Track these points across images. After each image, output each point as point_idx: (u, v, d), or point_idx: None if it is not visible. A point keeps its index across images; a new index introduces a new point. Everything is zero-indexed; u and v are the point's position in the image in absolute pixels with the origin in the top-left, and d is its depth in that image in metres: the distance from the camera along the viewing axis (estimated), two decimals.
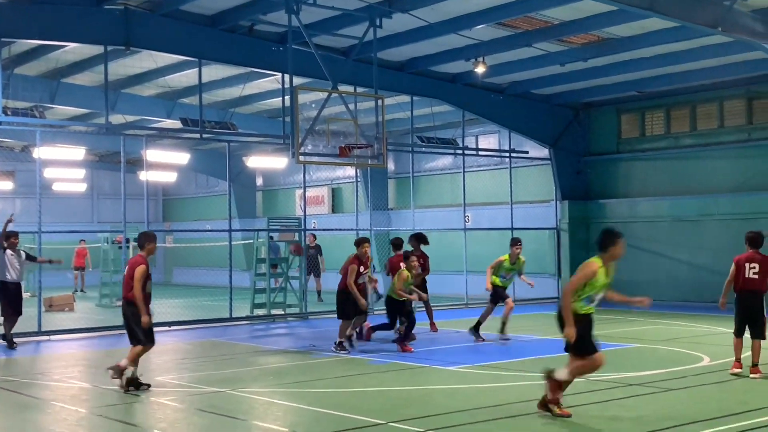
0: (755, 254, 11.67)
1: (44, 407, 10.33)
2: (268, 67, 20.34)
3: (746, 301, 11.55)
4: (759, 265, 11.50)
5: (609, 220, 25.16)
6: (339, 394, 10.83)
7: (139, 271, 11.04)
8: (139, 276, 11.04)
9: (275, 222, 22.24)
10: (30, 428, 9.20)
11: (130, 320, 11.20)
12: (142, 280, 11.06)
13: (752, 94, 22.44)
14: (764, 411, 9.15)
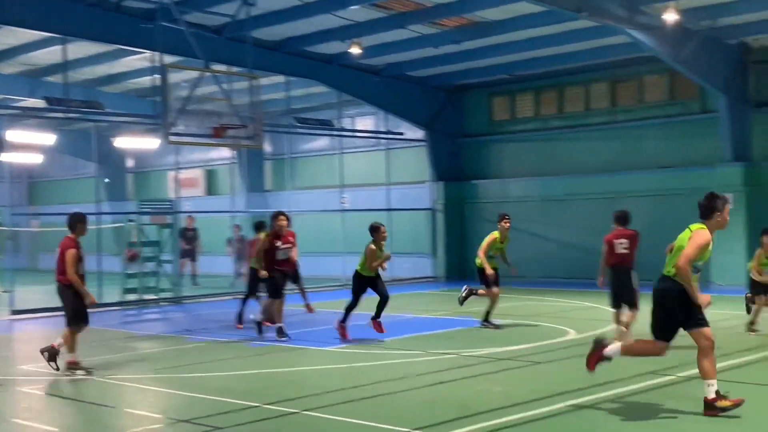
0: (624, 231, 12.41)
1: None
2: (137, 45, 19.71)
3: (619, 275, 12.29)
4: (628, 241, 12.27)
5: (482, 200, 25.78)
6: (214, 378, 10.70)
7: (69, 255, 10.87)
8: (71, 260, 10.88)
9: (146, 205, 21.69)
10: None
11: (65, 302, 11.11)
12: (75, 264, 10.88)
13: (616, 77, 23.36)
14: (627, 381, 9.58)
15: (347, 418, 8.22)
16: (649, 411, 8.26)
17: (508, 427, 7.70)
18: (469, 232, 25.93)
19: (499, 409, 8.33)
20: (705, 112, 21.70)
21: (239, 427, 8.02)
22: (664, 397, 8.93)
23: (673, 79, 22.23)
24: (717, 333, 13.20)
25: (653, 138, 22.65)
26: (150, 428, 8.26)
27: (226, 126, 17.61)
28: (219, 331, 15.13)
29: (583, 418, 8.01)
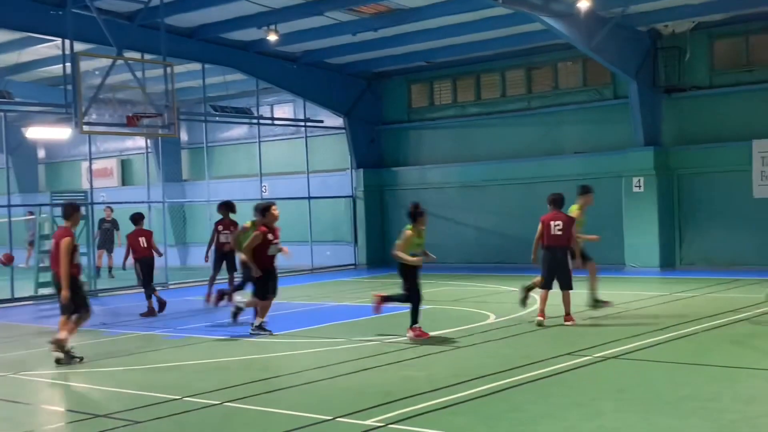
0: (558, 213, 12.84)
1: None
2: (47, 32, 19.13)
3: (553, 256, 12.70)
4: (562, 223, 12.66)
5: (402, 187, 25.88)
6: (132, 371, 10.48)
7: (64, 244, 10.77)
8: (65, 249, 10.77)
9: (59, 196, 21.07)
10: None
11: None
12: (69, 253, 10.77)
13: (532, 64, 23.69)
14: (545, 362, 9.74)
15: (270, 408, 8.16)
16: (569, 392, 8.42)
17: (432, 411, 7.75)
18: (389, 219, 26.01)
19: (422, 394, 8.37)
20: (617, 98, 22.21)
21: (159, 420, 7.88)
22: (582, 377, 9.11)
23: (586, 66, 22.68)
24: (630, 313, 13.63)
25: (568, 123, 23.08)
26: (67, 424, 8.05)
27: (141, 115, 17.27)
28: (136, 324, 14.83)
29: (505, 400, 8.12)
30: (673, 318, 12.86)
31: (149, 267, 15.90)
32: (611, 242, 21.61)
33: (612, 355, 10.13)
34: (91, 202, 20.99)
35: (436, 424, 7.30)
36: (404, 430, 7.20)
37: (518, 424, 7.25)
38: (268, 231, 12.76)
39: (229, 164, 28.70)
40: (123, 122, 17.05)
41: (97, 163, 28.72)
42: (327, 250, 26.03)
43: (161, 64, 18.29)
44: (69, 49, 17.36)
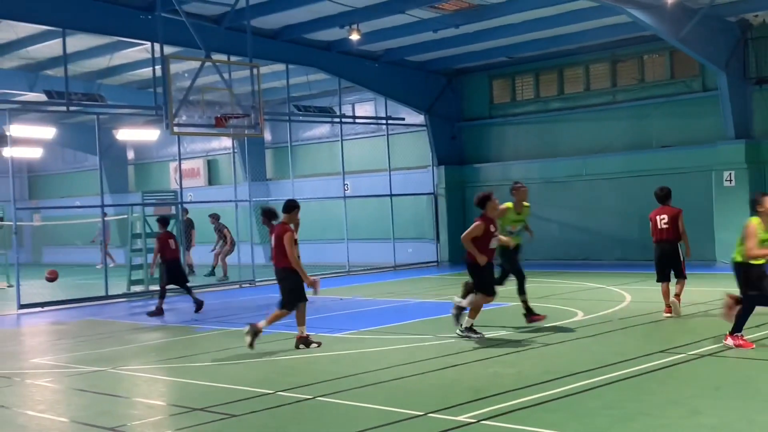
0: (664, 208, 12.95)
1: None
2: (137, 36, 19.67)
3: (663, 249, 12.84)
4: (668, 217, 12.77)
5: (483, 183, 25.67)
6: (224, 366, 10.71)
7: (287, 238, 11.34)
8: (289, 242, 11.34)
9: (150, 196, 21.67)
10: None
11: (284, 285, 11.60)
12: (293, 246, 11.35)
13: (616, 57, 23.30)
14: (638, 360, 9.59)
15: (361, 403, 8.24)
16: (664, 389, 8.27)
17: (523, 408, 7.71)
18: (470, 216, 25.81)
19: (513, 391, 8.33)
20: (706, 90, 21.68)
21: (255, 414, 8.04)
22: (676, 375, 8.94)
23: (673, 58, 22.19)
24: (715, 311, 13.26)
25: (654, 117, 22.62)
26: (165, 417, 8.28)
27: (228, 115, 17.60)
28: (225, 320, 15.14)
29: (598, 397, 8.02)
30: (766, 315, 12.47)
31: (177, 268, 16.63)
32: (701, 237, 21.08)
33: (707, 353, 9.90)
34: (180, 202, 21.50)
35: (528, 421, 7.26)
36: (496, 426, 7.19)
37: (614, 421, 7.16)
38: (490, 222, 11.73)
39: (312, 163, 29.03)
40: (211, 123, 17.42)
41: (184, 163, 29.38)
42: (409, 248, 26.08)
43: (247, 65, 18.61)
44: (159, 53, 17.82)
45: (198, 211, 26.61)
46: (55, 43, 20.39)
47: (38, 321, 16.76)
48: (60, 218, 34.55)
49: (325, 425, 7.58)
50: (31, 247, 37.30)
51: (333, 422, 7.68)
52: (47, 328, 15.72)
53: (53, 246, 36.48)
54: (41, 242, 37.40)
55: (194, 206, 27.08)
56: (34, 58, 22.80)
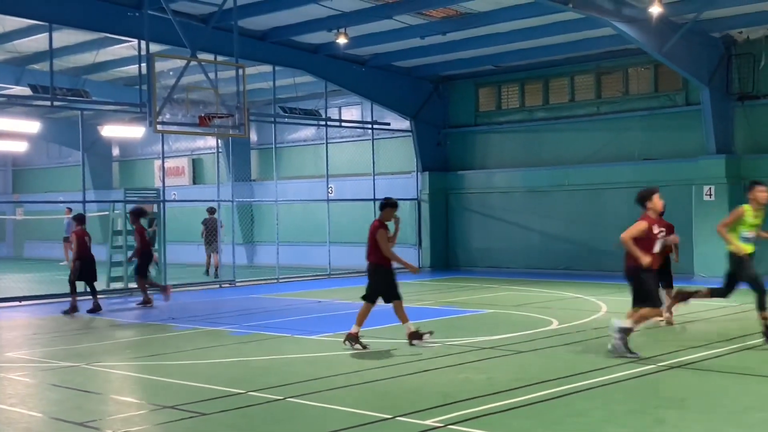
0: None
1: None
2: (124, 33, 19.69)
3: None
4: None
5: (467, 191, 25.88)
6: (198, 365, 10.74)
7: (380, 235, 11.51)
8: (382, 238, 11.47)
9: (132, 193, 21.65)
10: None
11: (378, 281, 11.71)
12: (386, 241, 11.43)
13: (601, 69, 23.47)
14: (607, 370, 9.68)
15: (332, 405, 8.30)
16: (630, 399, 8.36)
17: (492, 413, 7.78)
18: (454, 222, 26.05)
19: (482, 397, 8.41)
20: (689, 105, 21.86)
21: (225, 413, 8.08)
22: (644, 385, 9.04)
23: (657, 72, 22.38)
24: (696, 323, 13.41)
25: (637, 129, 22.78)
26: (136, 414, 8.30)
27: (213, 115, 17.63)
28: (203, 320, 15.15)
29: (566, 405, 8.10)
30: (740, 329, 12.61)
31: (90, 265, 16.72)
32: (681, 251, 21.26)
33: (675, 365, 10.01)
34: (163, 200, 21.49)
35: (496, 427, 7.33)
36: (463, 431, 7.25)
37: (580, 429, 7.24)
38: (654, 222, 10.51)
39: (297, 165, 29.07)
40: (195, 122, 17.44)
41: (169, 161, 29.36)
42: None
43: (233, 65, 18.65)
44: (145, 50, 17.83)
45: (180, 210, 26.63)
46: (41, 38, 20.37)
47: (15, 315, 16.72)
48: (43, 213, 34.44)
49: (294, 426, 7.62)
50: (12, 241, 37.14)
51: (302, 423, 7.73)
52: (23, 323, 15.69)
53: (35, 240, 36.34)
54: (23, 237, 37.25)
55: (177, 205, 27.08)
56: (21, 52, 22.79)
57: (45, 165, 37.96)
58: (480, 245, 25.40)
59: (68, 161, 35.92)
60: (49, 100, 19.15)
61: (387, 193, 26.01)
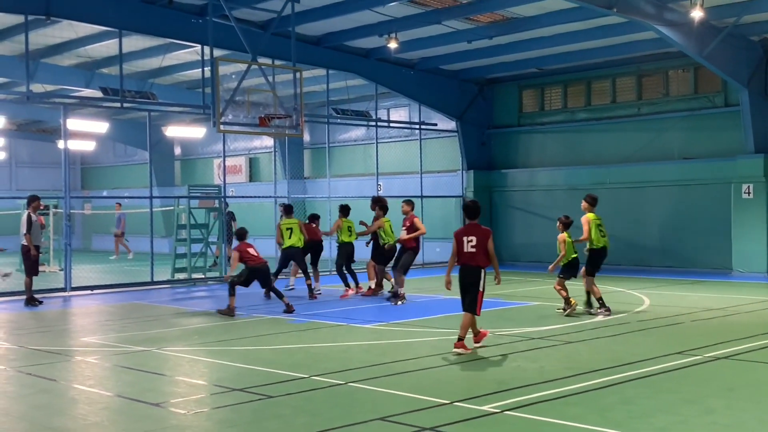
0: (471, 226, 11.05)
1: None
2: (188, 39, 19.85)
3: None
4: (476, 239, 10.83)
5: (510, 188, 25.71)
6: (261, 351, 10.81)
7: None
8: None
9: (195, 189, 21.87)
10: None
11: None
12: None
13: (642, 71, 23.13)
14: (655, 360, 9.55)
15: (391, 390, 8.28)
16: (680, 388, 8.23)
17: (545, 401, 7.71)
18: (497, 218, 25.89)
19: (535, 384, 8.34)
20: (728, 106, 21.46)
21: (290, 396, 8.12)
22: (692, 375, 8.89)
23: (697, 74, 21.99)
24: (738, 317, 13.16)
25: (677, 130, 22.42)
26: (206, 396, 8.38)
27: (271, 116, 17.72)
28: (262, 309, 15.25)
29: (616, 393, 8.00)
30: None
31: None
32: (719, 247, 20.94)
33: (722, 356, 9.84)
34: (224, 196, 21.68)
35: (550, 413, 7.26)
36: (519, 417, 7.20)
37: (631, 416, 7.14)
38: None
39: (348, 163, 29.12)
40: (255, 123, 17.55)
41: (227, 160, 29.60)
42: (437, 247, 26.06)
43: (291, 69, 18.73)
44: (208, 55, 17.98)
45: (238, 206, 26.80)
46: (111, 43, 20.66)
47: (87, 303, 17.00)
48: (109, 208, 34.96)
49: (357, 409, 7.63)
50: (81, 234, 37.77)
51: (364, 406, 7.73)
52: (96, 310, 15.94)
53: (102, 234, 36.94)
54: (91, 230, 37.87)
55: (235, 201, 27.27)
56: (91, 56, 23.12)
57: (112, 163, 38.54)
58: (523, 240, 25.22)
59: (133, 159, 36.43)
60: (119, 102, 19.41)
61: (433, 190, 26.04)
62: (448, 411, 7.44)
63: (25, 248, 16.17)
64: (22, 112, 30.29)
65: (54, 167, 35.46)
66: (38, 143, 36.99)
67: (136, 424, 7.23)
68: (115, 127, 31.72)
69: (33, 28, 18.79)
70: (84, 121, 26.27)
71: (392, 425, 6.98)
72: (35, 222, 16.30)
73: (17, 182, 36.63)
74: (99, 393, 8.51)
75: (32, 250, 16.06)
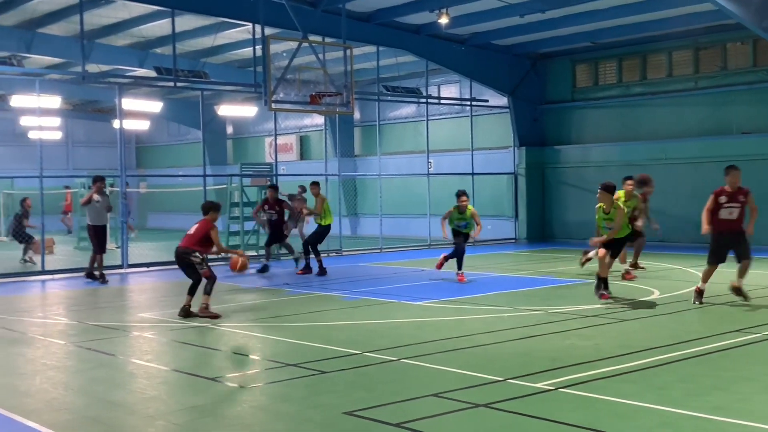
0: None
1: (33, 342, 10.28)
2: (240, 17, 19.96)
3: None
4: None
5: (563, 165, 25.41)
6: (314, 327, 10.90)
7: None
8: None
9: (248, 167, 22.07)
10: (21, 361, 9.15)
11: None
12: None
13: (699, 44, 22.59)
14: (712, 338, 9.39)
15: (443, 366, 8.29)
16: (737, 366, 8.09)
17: (600, 378, 7.64)
18: (549, 195, 25.64)
19: (589, 362, 8.26)
20: None
21: (343, 371, 8.17)
22: (750, 353, 8.72)
23: (756, 46, 21.39)
24: None
25: (736, 104, 21.88)
26: (261, 371, 8.49)
27: (322, 94, 17.76)
28: (314, 286, 15.37)
29: (673, 372, 7.89)
30: None
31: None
32: None
33: None
34: (276, 174, 21.84)
35: (606, 391, 7.19)
36: (574, 394, 7.14)
37: (689, 394, 7.04)
38: None
39: (398, 141, 29.09)
40: (306, 101, 17.61)
41: (278, 138, 29.78)
42: (488, 224, 25.93)
43: (341, 46, 18.72)
44: (260, 33, 18.05)
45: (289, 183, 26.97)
46: (164, 23, 20.89)
47: (144, 279, 17.32)
48: (164, 186, 35.54)
49: (410, 385, 7.65)
50: (137, 212, 38.42)
51: (417, 383, 7.76)
52: (152, 286, 16.23)
53: (157, 212, 37.57)
54: (147, 208, 38.53)
55: (286, 179, 27.45)
56: (145, 36, 23.41)
57: (166, 142, 39.07)
58: (576, 218, 24.93)
59: (187, 138, 36.88)
60: (173, 81, 19.63)
61: (484, 167, 25.87)
62: (501, 388, 7.42)
63: (90, 227, 16.52)
64: (78, 92, 30.82)
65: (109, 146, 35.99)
66: (94, 123, 37.65)
67: (193, 398, 7.36)
68: (169, 106, 32.09)
69: (88, 8, 19.09)
70: (138, 101, 26.64)
71: (446, 401, 6.98)
72: (98, 202, 16.47)
73: (74, 162, 37.37)
74: (156, 367, 8.68)
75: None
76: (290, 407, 6.95)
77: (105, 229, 16.74)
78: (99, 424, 6.61)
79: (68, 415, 6.89)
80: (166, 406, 7.17)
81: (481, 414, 6.65)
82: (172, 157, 37.87)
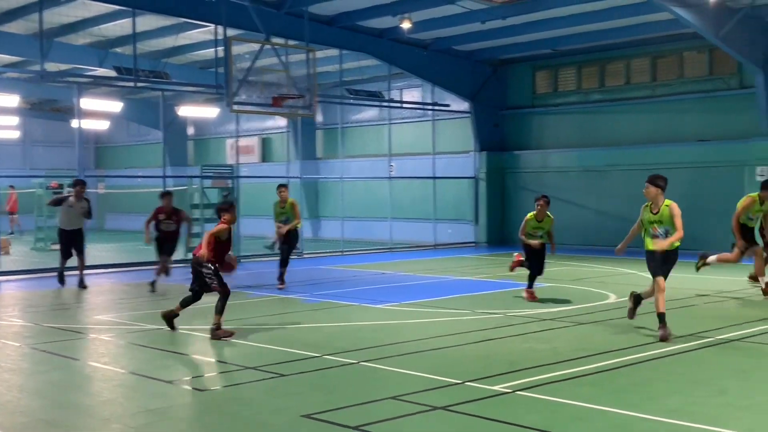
0: None
1: None
2: (202, 18, 19.81)
3: None
4: None
5: (523, 170, 25.62)
6: (275, 329, 10.85)
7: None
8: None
9: (209, 169, 21.91)
10: None
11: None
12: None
13: (657, 53, 22.94)
14: (667, 343, 9.51)
15: (402, 369, 8.30)
16: (691, 370, 8.22)
17: (557, 381, 7.71)
18: (509, 200, 25.83)
19: (547, 365, 8.33)
20: (743, 88, 21.28)
21: (303, 374, 8.15)
22: (703, 358, 8.87)
23: (712, 55, 21.79)
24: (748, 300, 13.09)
25: (692, 112, 22.26)
26: (220, 374, 8.42)
27: (285, 96, 17.70)
28: (275, 288, 15.28)
29: (628, 375, 7.99)
30: None
31: None
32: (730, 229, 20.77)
33: (734, 338, 9.80)
34: (237, 176, 21.70)
35: (562, 394, 7.26)
36: (531, 397, 7.20)
37: (644, 397, 7.13)
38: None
39: (360, 144, 29.09)
40: (269, 103, 17.54)
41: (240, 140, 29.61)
42: (449, 228, 26.08)
43: (304, 49, 18.68)
44: (222, 35, 17.94)
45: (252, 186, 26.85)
46: (125, 22, 20.65)
47: (102, 281, 17.09)
48: (122, 187, 35.10)
49: (369, 388, 7.65)
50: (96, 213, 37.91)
51: (377, 385, 7.76)
52: (110, 288, 16.03)
53: (115, 213, 37.09)
54: (105, 209, 38.02)
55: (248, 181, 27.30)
56: (105, 35, 23.12)
57: (125, 142, 38.62)
58: None
59: (147, 139, 36.48)
60: (133, 81, 19.43)
61: (445, 171, 26.00)
62: (460, 390, 7.45)
63: (61, 231, 15.96)
64: (36, 91, 30.36)
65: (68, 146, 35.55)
66: (52, 122, 37.09)
67: (150, 401, 7.28)
68: (129, 106, 31.74)
69: (47, 6, 18.80)
70: (98, 101, 26.35)
71: (405, 404, 6.99)
72: (69, 207, 15.82)
73: (31, 161, 36.77)
74: (113, 370, 8.56)
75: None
76: (248, 410, 6.90)
77: (78, 234, 15.93)
78: (55, 427, 6.51)
79: (23, 418, 6.77)
80: (122, 409, 7.08)
81: (440, 417, 6.68)
82: (132, 157, 37.44)
